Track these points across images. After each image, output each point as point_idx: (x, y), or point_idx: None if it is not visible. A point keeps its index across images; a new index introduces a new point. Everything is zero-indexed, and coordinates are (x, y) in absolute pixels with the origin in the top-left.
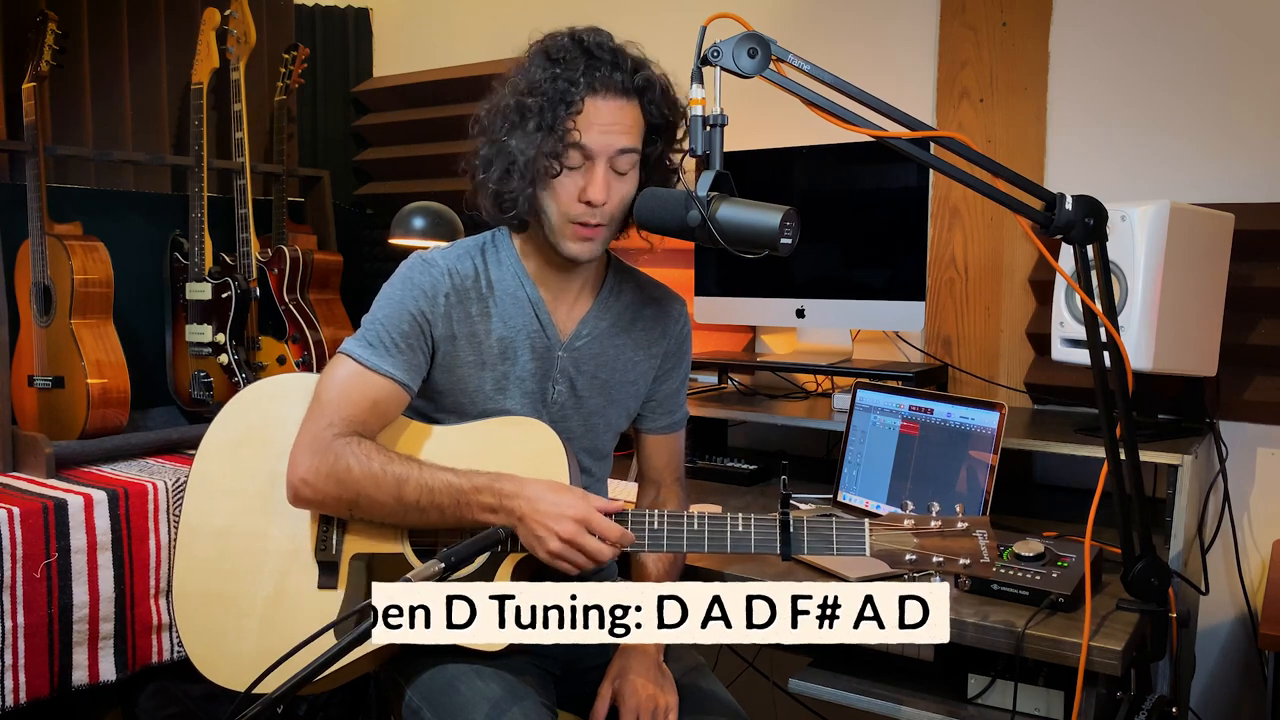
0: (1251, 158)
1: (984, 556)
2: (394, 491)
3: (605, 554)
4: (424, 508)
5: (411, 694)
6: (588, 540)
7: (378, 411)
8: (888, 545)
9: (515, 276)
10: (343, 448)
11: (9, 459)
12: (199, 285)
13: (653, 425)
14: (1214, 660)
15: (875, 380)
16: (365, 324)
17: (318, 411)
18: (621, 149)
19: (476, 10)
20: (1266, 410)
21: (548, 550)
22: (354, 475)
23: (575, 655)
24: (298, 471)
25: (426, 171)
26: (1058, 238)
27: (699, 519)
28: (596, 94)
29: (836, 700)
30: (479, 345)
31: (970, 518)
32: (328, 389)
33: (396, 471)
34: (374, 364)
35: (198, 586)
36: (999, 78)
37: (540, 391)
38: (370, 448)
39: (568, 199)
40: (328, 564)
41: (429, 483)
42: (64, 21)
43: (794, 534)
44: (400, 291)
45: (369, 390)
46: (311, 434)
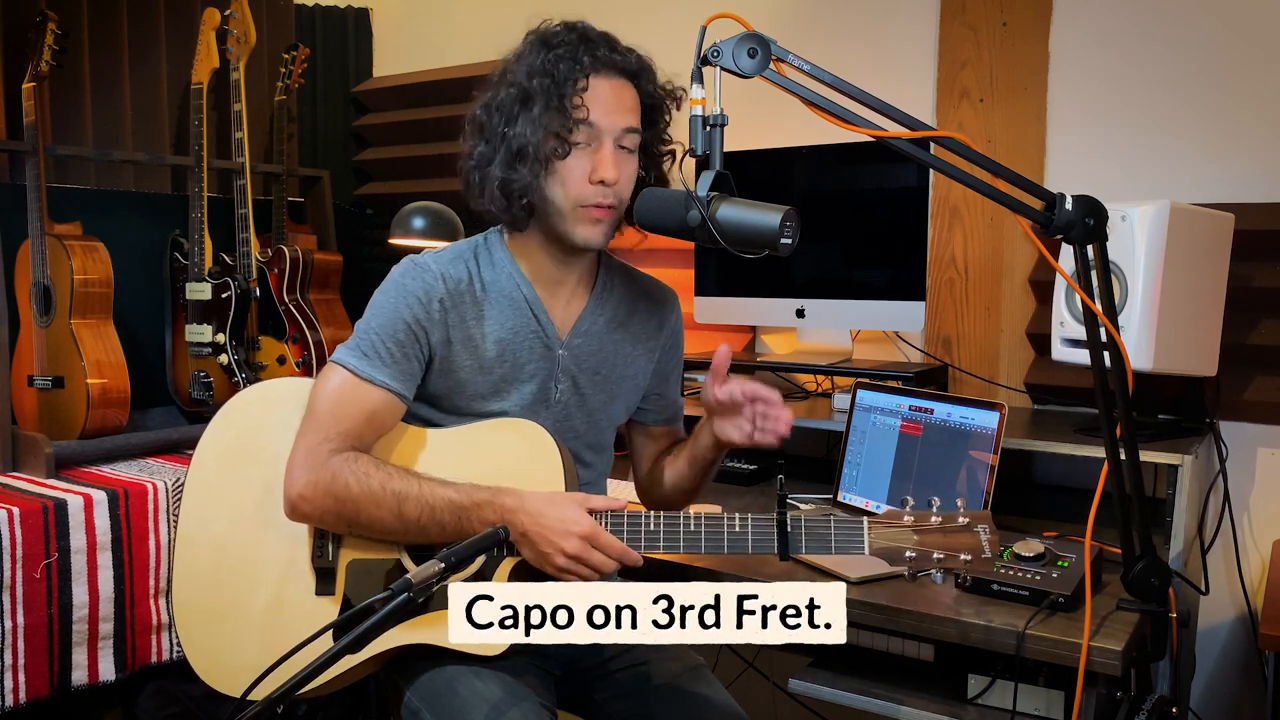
0: (1251, 158)
1: (985, 552)
2: (394, 509)
3: (610, 567)
4: (425, 525)
5: (411, 695)
6: (593, 555)
7: (374, 424)
8: (887, 543)
9: (510, 277)
10: (340, 465)
11: (9, 459)
12: (199, 285)
13: (657, 418)
14: (1214, 660)
15: (875, 380)
16: (358, 332)
17: (313, 425)
18: (627, 127)
19: (476, 10)
20: (1266, 410)
21: (554, 566)
22: (352, 493)
23: (576, 655)
24: (295, 487)
25: (426, 171)
26: (1058, 238)
27: (695, 520)
28: (599, 73)
29: (836, 700)
30: (476, 349)
31: (971, 513)
32: (322, 400)
33: (396, 488)
34: (368, 374)
35: (196, 597)
36: (999, 78)
37: (542, 392)
38: (368, 464)
39: (577, 182)
40: (325, 570)
41: (430, 500)
42: (64, 21)
43: (791, 534)
44: (394, 298)
45: (364, 402)
46: (307, 448)
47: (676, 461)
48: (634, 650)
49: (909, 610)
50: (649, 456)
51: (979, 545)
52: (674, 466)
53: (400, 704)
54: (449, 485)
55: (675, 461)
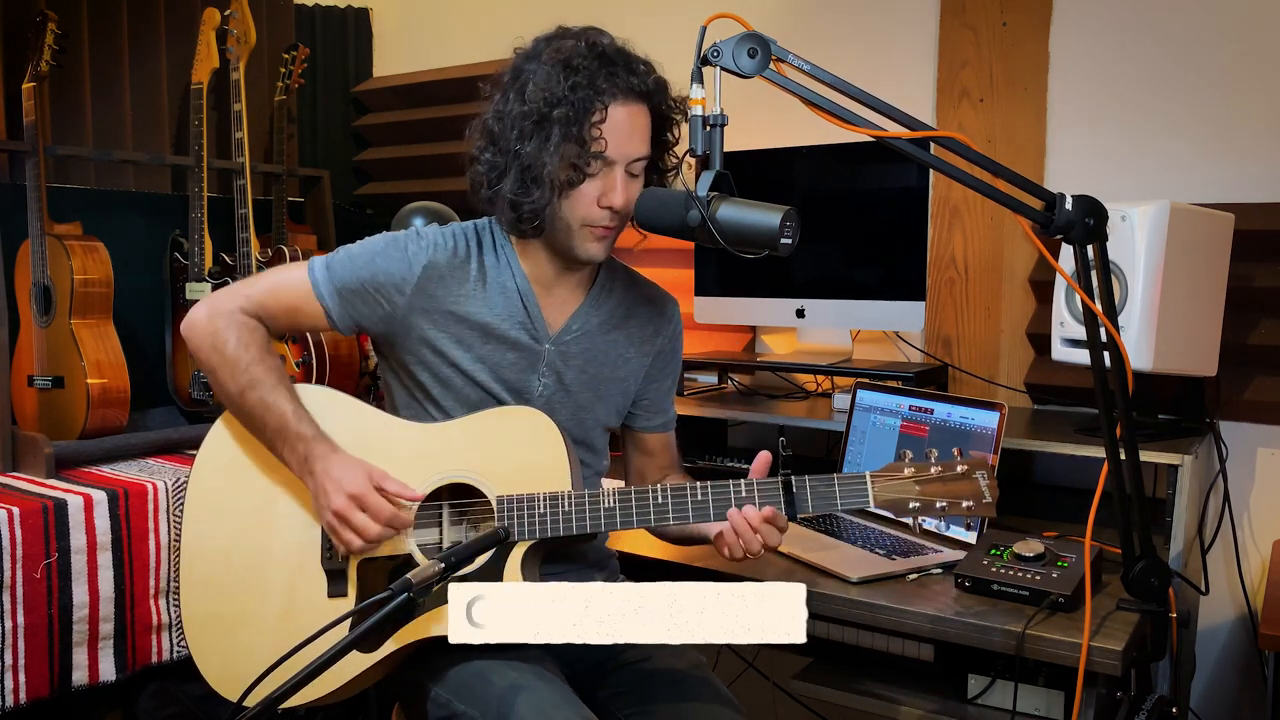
0: (1251, 158)
1: (986, 496)
2: (242, 385)
3: (372, 531)
4: (254, 417)
5: (439, 690)
6: (355, 516)
7: (292, 318)
8: (891, 495)
9: (509, 268)
10: (235, 325)
11: (9, 459)
12: (199, 285)
13: (647, 424)
14: (1214, 660)
15: (875, 380)
16: (339, 252)
17: (249, 283)
18: (638, 156)
19: (476, 10)
20: (1266, 410)
21: (325, 521)
22: (225, 351)
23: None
24: (198, 311)
25: (426, 171)
26: (1058, 238)
27: (701, 488)
28: (617, 100)
29: (836, 700)
30: (456, 324)
31: (968, 460)
32: (273, 275)
33: (255, 374)
34: (319, 290)
35: (205, 608)
36: (999, 78)
37: (522, 382)
38: (256, 339)
39: (586, 205)
40: (336, 572)
41: (269, 401)
42: (64, 21)
43: (797, 494)
44: (382, 245)
45: (299, 300)
46: (230, 293)
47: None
48: (637, 648)
49: (909, 610)
50: (638, 469)
51: (980, 491)
52: None
53: (425, 700)
54: (296, 405)
55: None
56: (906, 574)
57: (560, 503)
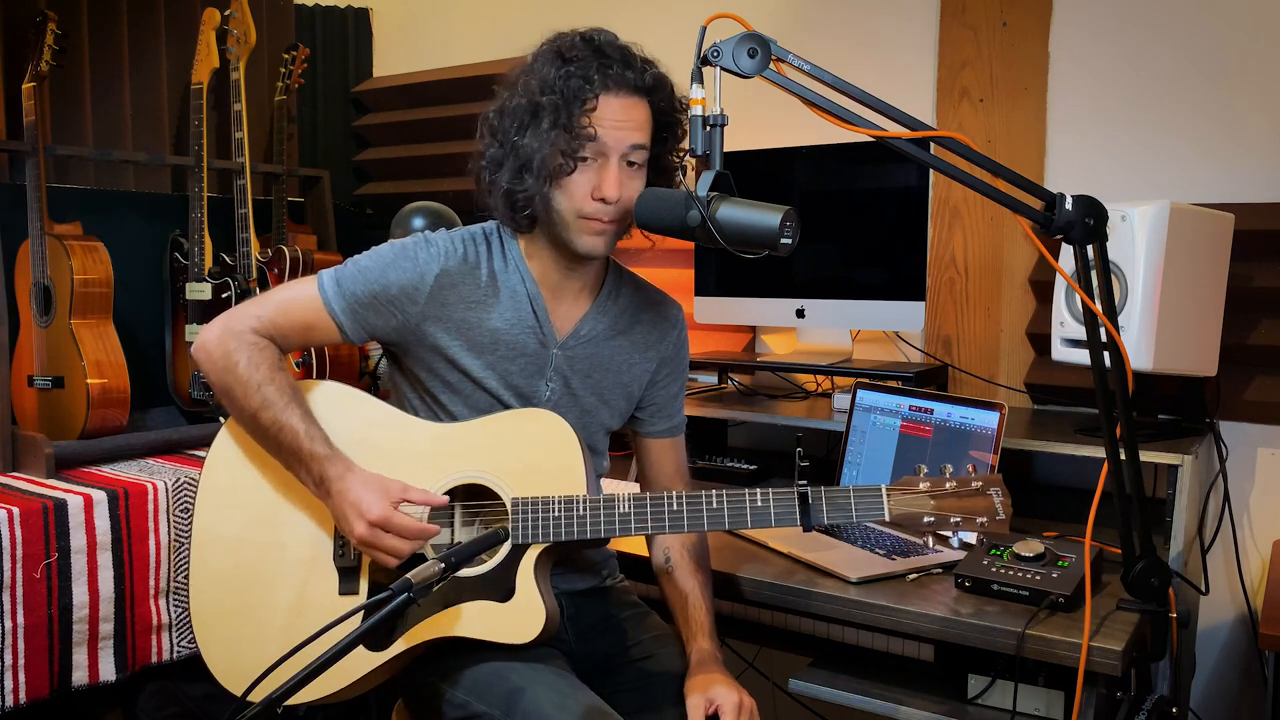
0: (1251, 158)
1: (999, 514)
2: (255, 407)
3: (404, 550)
4: (269, 437)
5: (455, 691)
6: (383, 540)
7: (306, 335)
8: (906, 509)
9: (517, 272)
10: (246, 345)
11: (9, 459)
12: (199, 285)
13: (652, 429)
14: (1214, 660)
15: (875, 380)
16: (349, 263)
17: (260, 302)
18: (634, 144)
19: (476, 10)
20: (1266, 410)
21: (354, 544)
22: (236, 373)
23: (586, 651)
24: (209, 332)
25: (426, 171)
26: (1058, 238)
27: (717, 496)
28: (610, 91)
29: (836, 700)
30: (468, 331)
31: (983, 476)
32: (282, 292)
33: (267, 394)
34: (330, 305)
35: (215, 601)
36: (999, 78)
37: (530, 387)
38: (267, 358)
39: (580, 196)
40: (348, 570)
41: (282, 421)
42: (64, 21)
43: (813, 505)
44: (393, 255)
45: (311, 317)
46: (242, 312)
47: (675, 589)
48: (641, 645)
49: (909, 610)
50: (648, 473)
51: (993, 507)
52: (672, 586)
53: (440, 702)
54: (309, 423)
55: (674, 587)
56: (906, 574)
57: (575, 507)
